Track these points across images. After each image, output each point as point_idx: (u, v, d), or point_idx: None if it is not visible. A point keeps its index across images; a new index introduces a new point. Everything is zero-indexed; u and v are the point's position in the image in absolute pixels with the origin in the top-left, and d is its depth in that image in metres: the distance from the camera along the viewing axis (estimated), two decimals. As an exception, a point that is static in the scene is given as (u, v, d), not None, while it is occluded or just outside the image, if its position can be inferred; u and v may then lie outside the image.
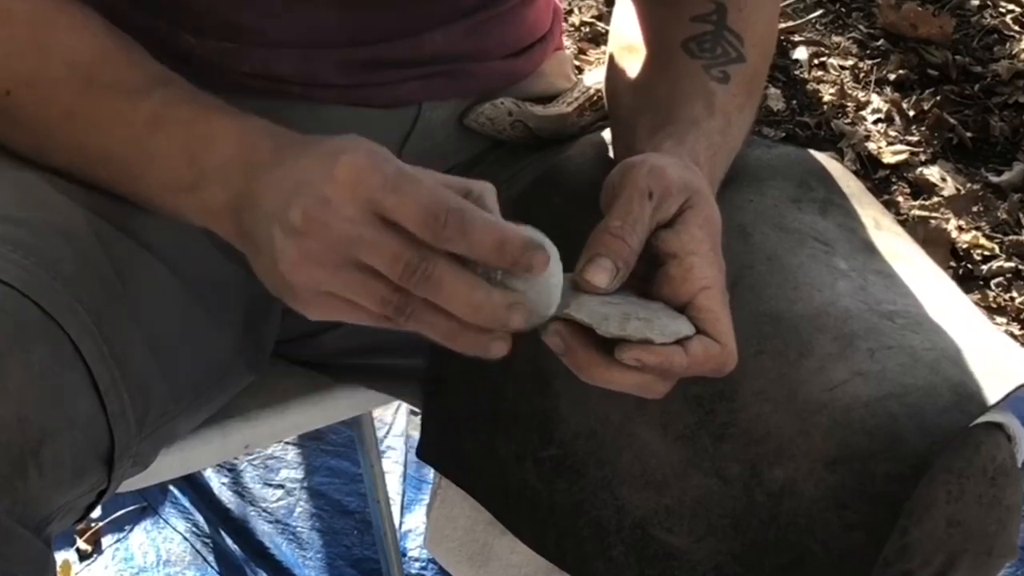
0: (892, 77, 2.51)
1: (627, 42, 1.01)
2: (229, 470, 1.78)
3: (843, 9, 2.68)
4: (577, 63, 2.45)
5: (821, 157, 1.04)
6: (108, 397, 0.83)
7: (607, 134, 1.05)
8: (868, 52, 2.58)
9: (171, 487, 1.75)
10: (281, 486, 1.76)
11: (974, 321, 0.91)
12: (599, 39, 2.54)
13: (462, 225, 0.73)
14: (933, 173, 2.31)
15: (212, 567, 1.68)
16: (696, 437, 0.87)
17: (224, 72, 0.98)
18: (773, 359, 0.84)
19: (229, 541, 1.71)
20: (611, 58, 1.04)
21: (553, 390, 0.92)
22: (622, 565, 0.91)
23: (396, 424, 1.82)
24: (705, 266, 0.80)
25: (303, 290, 0.78)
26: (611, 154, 1.01)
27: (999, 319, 2.07)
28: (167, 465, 0.99)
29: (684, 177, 0.82)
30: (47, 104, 0.88)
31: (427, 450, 1.03)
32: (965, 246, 2.18)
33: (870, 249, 0.94)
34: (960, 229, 2.21)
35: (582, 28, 2.60)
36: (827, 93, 2.49)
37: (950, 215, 2.23)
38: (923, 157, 2.36)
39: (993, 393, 0.83)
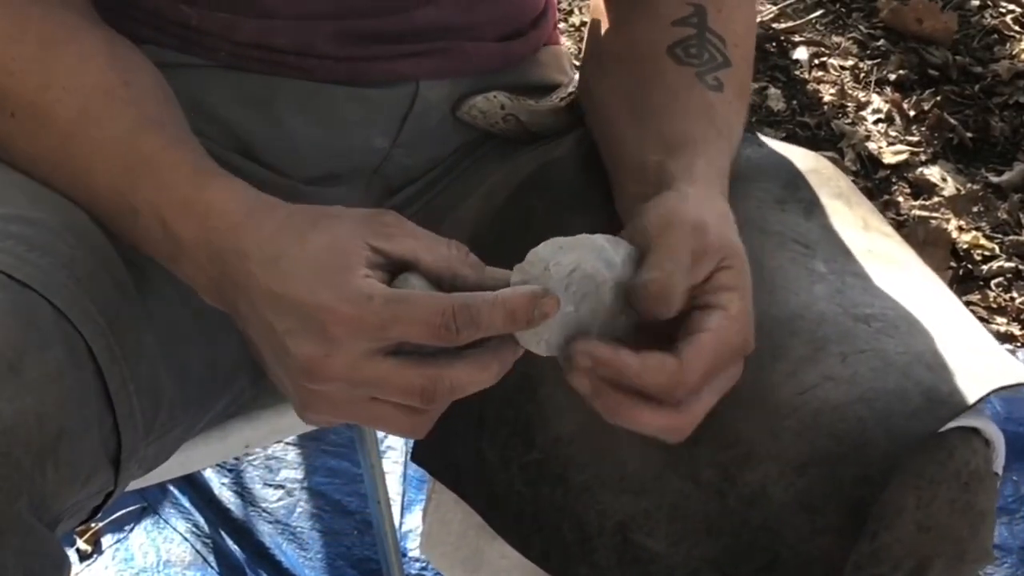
0: (892, 77, 2.51)
1: (607, 48, 1.01)
2: (229, 470, 1.78)
3: (843, 9, 2.68)
4: (577, 63, 2.45)
5: (812, 156, 1.04)
6: (118, 399, 0.83)
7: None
8: (868, 52, 2.58)
9: (171, 487, 1.75)
10: (281, 486, 1.77)
11: (959, 323, 0.91)
12: (599, 39, 2.54)
13: (471, 320, 0.76)
14: (933, 173, 2.31)
15: (212, 567, 1.68)
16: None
17: (220, 42, 0.99)
18: (747, 363, 0.85)
19: (229, 541, 1.71)
20: (590, 65, 1.03)
21: (536, 395, 0.93)
22: (604, 568, 0.91)
23: (396, 424, 1.82)
24: (729, 322, 0.81)
25: (313, 419, 0.82)
26: (601, 159, 1.01)
27: (999, 319, 2.07)
28: (167, 465, 1.00)
29: (723, 235, 0.83)
30: (46, 130, 0.88)
31: (421, 454, 1.04)
32: (965, 246, 2.18)
33: (853, 251, 0.94)
34: (960, 229, 2.21)
35: (582, 28, 2.60)
36: (827, 93, 2.48)
37: (950, 215, 2.23)
38: (923, 157, 2.35)
39: (966, 398, 0.82)
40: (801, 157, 1.03)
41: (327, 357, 0.77)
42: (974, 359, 0.87)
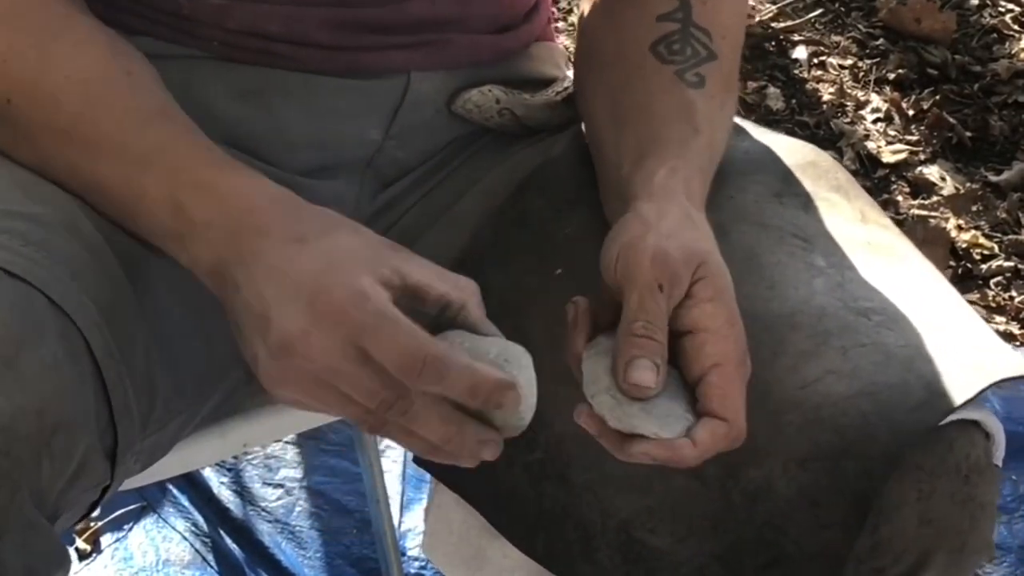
0: (891, 76, 2.51)
1: (595, 47, 1.01)
2: (228, 469, 1.78)
3: (843, 8, 2.68)
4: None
5: (811, 149, 1.04)
6: (114, 393, 0.83)
7: None
8: (867, 51, 2.58)
9: (170, 486, 1.75)
10: (280, 485, 1.77)
11: (958, 315, 0.91)
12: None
13: (437, 372, 0.77)
14: (932, 172, 2.31)
15: (211, 567, 1.68)
16: None
17: (212, 31, 0.99)
18: (749, 359, 0.85)
19: (228, 540, 1.71)
20: (580, 66, 1.03)
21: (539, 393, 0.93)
22: (607, 567, 0.91)
23: (395, 423, 1.82)
24: (718, 341, 0.81)
25: (280, 395, 0.82)
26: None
27: (998, 318, 2.07)
28: (167, 464, 1.00)
29: (689, 249, 0.82)
30: (46, 118, 0.88)
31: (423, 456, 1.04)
32: (964, 245, 2.18)
33: (852, 244, 0.94)
34: (959, 228, 2.21)
35: (582, 28, 2.60)
36: (826, 92, 2.48)
37: (949, 214, 2.23)
38: (922, 156, 2.36)
39: (966, 390, 0.83)
40: (799, 150, 1.03)
41: (305, 335, 0.78)
42: (974, 351, 0.87)
